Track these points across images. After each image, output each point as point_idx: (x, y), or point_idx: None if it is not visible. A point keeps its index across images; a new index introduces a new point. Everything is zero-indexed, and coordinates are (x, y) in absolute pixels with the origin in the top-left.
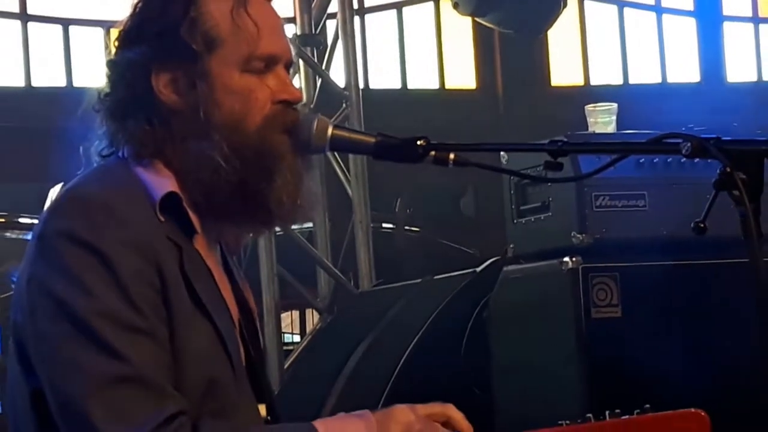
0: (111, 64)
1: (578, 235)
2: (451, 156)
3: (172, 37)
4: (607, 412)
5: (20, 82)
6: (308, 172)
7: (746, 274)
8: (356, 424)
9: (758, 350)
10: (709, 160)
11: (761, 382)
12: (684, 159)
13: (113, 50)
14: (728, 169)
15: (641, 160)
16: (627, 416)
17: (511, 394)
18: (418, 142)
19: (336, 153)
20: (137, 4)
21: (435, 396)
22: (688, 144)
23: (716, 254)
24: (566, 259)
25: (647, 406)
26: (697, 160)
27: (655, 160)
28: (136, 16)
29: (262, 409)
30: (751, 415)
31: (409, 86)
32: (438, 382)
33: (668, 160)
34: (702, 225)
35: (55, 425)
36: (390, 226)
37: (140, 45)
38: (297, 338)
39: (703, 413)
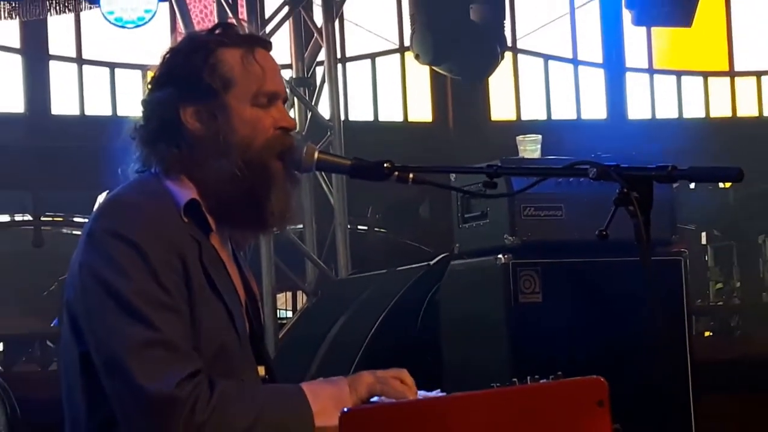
0: (145, 103)
1: (509, 238)
2: (410, 176)
3: (196, 79)
4: (528, 377)
5: (76, 111)
6: (296, 188)
7: (639, 269)
8: (332, 386)
9: (647, 329)
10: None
11: (648, 355)
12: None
13: (146, 91)
14: (625, 190)
15: (559, 180)
16: (543, 380)
17: (455, 362)
18: (385, 165)
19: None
20: (165, 55)
21: (396, 361)
22: (595, 169)
23: (616, 254)
24: (500, 256)
25: (560, 373)
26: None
27: (570, 180)
28: (165, 64)
29: (262, 370)
30: (639, 380)
31: (380, 119)
32: (398, 350)
33: (580, 180)
34: (604, 233)
35: (98, 381)
36: (363, 227)
37: (169, 86)
38: (289, 314)
39: (602, 379)
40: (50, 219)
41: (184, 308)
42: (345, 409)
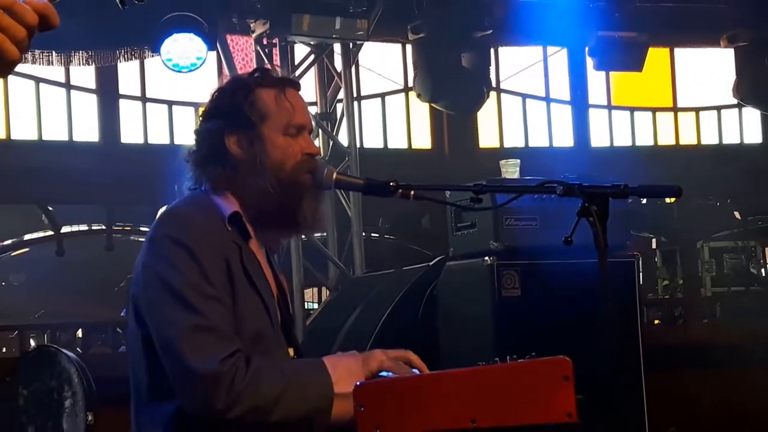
0: (197, 133)
1: (494, 243)
2: (412, 192)
3: (238, 113)
4: (507, 357)
5: (140, 140)
6: (322, 201)
7: (597, 269)
8: (348, 359)
9: (606, 318)
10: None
11: (607, 338)
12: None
13: (198, 123)
14: (586, 204)
15: (534, 196)
16: (520, 360)
17: (450, 345)
18: (391, 184)
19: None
20: (214, 93)
21: (401, 343)
22: (561, 187)
23: (581, 256)
24: (486, 258)
25: (533, 353)
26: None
27: (543, 196)
28: (213, 101)
29: (291, 351)
30: (599, 359)
31: (388, 146)
32: (403, 335)
33: (551, 196)
34: (569, 239)
35: (158, 359)
36: (375, 235)
37: (216, 119)
38: (315, 305)
39: (567, 358)
40: (120, 228)
41: (227, 300)
42: (358, 383)
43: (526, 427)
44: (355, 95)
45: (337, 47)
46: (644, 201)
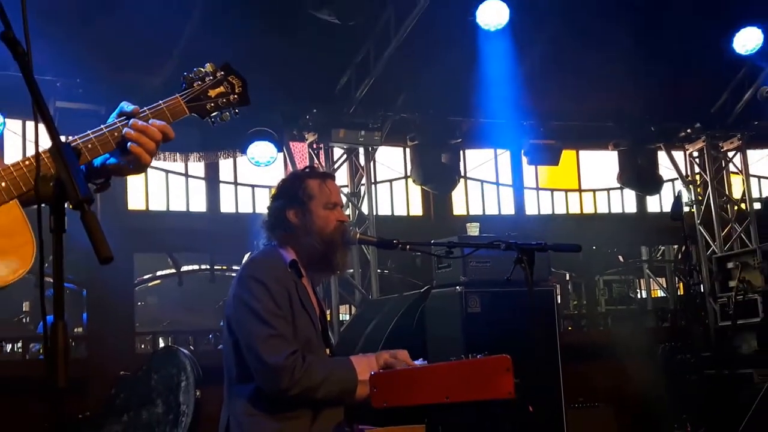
0: (268, 208)
1: (462, 278)
2: (408, 246)
3: (294, 195)
4: (470, 355)
5: (233, 210)
6: (349, 253)
7: (527, 296)
8: (367, 358)
9: (535, 327)
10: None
11: (536, 341)
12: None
13: (270, 200)
14: (520, 256)
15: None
16: (479, 356)
17: (434, 346)
18: (394, 241)
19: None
20: (279, 182)
21: (401, 345)
22: (503, 244)
23: (518, 286)
24: (458, 287)
25: (486, 352)
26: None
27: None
28: (279, 187)
29: (327, 351)
30: (530, 355)
31: (394, 214)
32: (403, 338)
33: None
34: (509, 278)
35: (242, 356)
36: (386, 271)
37: (281, 199)
38: (346, 317)
39: (508, 356)
40: (219, 268)
41: (289, 317)
42: (372, 372)
43: (482, 402)
44: (372, 180)
45: (361, 150)
46: None
